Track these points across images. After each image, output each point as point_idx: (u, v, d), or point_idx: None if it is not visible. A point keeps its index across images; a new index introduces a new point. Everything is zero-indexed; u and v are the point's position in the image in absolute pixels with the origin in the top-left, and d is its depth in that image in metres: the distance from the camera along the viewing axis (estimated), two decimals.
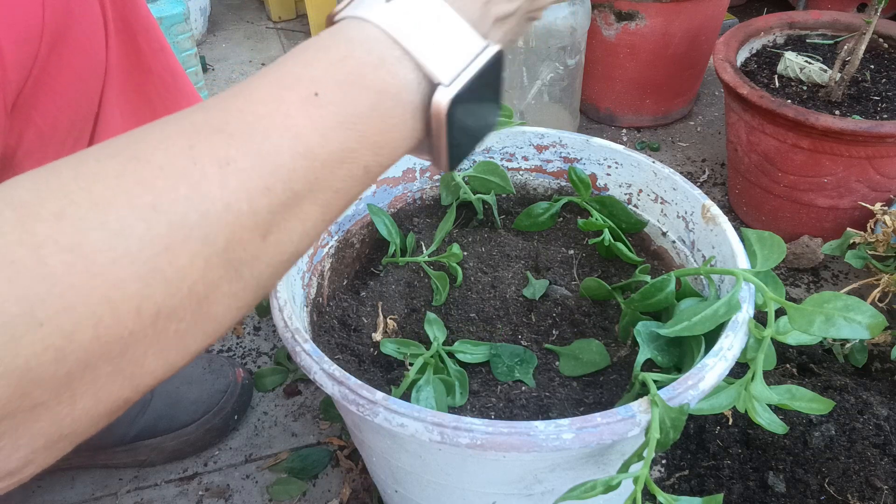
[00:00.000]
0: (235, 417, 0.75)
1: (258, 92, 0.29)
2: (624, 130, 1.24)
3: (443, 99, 0.31)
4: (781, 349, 0.75)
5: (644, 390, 0.44)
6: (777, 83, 0.95)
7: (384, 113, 0.30)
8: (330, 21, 0.32)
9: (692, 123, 1.26)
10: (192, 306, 0.26)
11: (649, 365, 0.48)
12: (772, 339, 0.44)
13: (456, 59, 0.32)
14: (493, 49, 0.33)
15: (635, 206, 0.64)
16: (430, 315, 0.57)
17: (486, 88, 0.34)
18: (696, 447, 0.67)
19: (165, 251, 0.25)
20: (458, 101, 0.32)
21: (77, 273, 0.23)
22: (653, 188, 0.62)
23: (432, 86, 0.31)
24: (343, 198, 0.31)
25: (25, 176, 0.25)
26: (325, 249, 0.61)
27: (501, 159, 0.68)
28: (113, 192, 0.25)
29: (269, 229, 0.28)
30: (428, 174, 0.68)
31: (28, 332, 0.22)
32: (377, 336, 0.56)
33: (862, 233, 0.78)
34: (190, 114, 0.28)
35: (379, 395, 0.42)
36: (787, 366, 0.74)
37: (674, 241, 0.61)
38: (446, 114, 0.31)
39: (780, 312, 0.44)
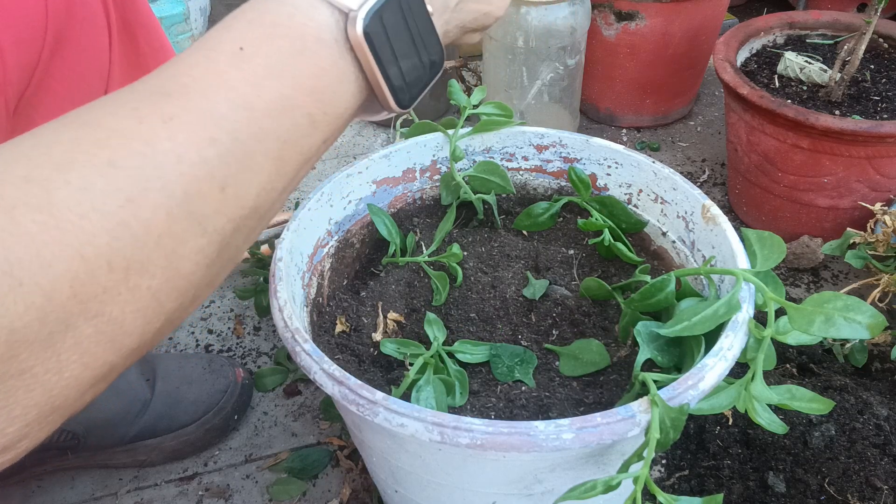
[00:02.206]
0: (235, 417, 0.75)
1: (189, 59, 0.31)
2: (624, 130, 1.24)
3: (356, 22, 0.33)
4: (781, 349, 0.75)
5: (644, 390, 0.44)
6: (777, 83, 0.95)
7: (311, 55, 0.32)
8: None
9: (692, 123, 1.26)
10: (161, 261, 0.27)
11: (649, 365, 0.48)
12: (772, 339, 0.44)
13: None
14: None
15: (635, 206, 0.64)
16: (430, 315, 0.57)
17: (406, 10, 0.36)
18: (696, 447, 0.67)
19: (128, 203, 0.26)
20: (373, 22, 0.33)
21: (50, 230, 0.24)
22: (653, 188, 0.62)
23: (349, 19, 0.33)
24: (294, 150, 0.32)
25: None
26: (325, 249, 0.61)
27: (501, 159, 0.68)
28: (72, 154, 0.26)
29: (226, 181, 0.29)
30: (428, 174, 0.68)
31: (10, 292, 0.23)
32: (377, 336, 0.56)
33: (862, 233, 0.78)
34: (130, 87, 0.30)
35: (379, 395, 0.42)
36: (787, 366, 0.74)
37: (674, 241, 0.61)
38: (363, 36, 0.33)
39: (780, 312, 0.44)
